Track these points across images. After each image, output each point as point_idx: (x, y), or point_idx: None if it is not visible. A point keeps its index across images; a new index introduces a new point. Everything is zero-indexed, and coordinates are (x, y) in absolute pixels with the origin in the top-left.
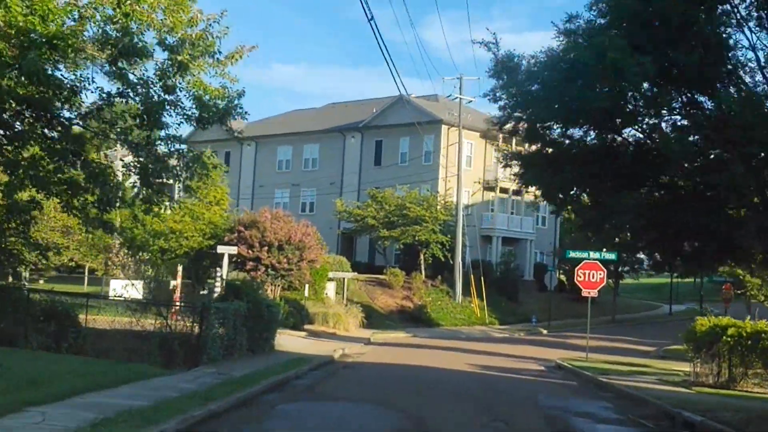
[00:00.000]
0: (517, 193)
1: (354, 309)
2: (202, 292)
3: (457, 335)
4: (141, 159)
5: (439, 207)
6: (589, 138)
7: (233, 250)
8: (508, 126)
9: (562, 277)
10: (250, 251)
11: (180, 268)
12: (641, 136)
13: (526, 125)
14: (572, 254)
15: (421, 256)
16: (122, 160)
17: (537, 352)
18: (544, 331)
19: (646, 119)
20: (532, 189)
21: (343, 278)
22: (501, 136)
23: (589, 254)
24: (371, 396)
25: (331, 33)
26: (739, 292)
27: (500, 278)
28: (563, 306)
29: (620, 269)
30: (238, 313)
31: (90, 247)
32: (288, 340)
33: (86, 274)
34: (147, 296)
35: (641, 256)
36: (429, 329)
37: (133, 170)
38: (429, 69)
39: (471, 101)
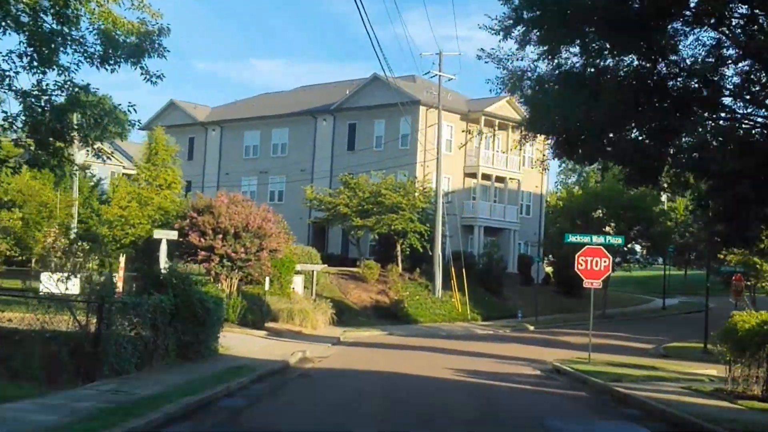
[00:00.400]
0: (500, 179)
1: (323, 304)
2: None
3: (437, 333)
4: (30, 111)
5: (417, 194)
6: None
7: (172, 235)
8: (519, 32)
9: (549, 269)
10: (202, 239)
11: (122, 259)
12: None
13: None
14: (572, 238)
15: (398, 247)
16: (5, 112)
17: (527, 351)
18: (531, 327)
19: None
20: (518, 171)
21: (312, 271)
22: (483, 118)
23: (591, 238)
24: (319, 426)
25: (309, 29)
26: (749, 283)
27: (483, 271)
28: (550, 300)
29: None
30: (159, 310)
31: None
32: (241, 342)
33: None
34: (86, 291)
35: (635, 246)
36: (406, 326)
37: (19, 125)
38: (407, 56)
39: (451, 79)
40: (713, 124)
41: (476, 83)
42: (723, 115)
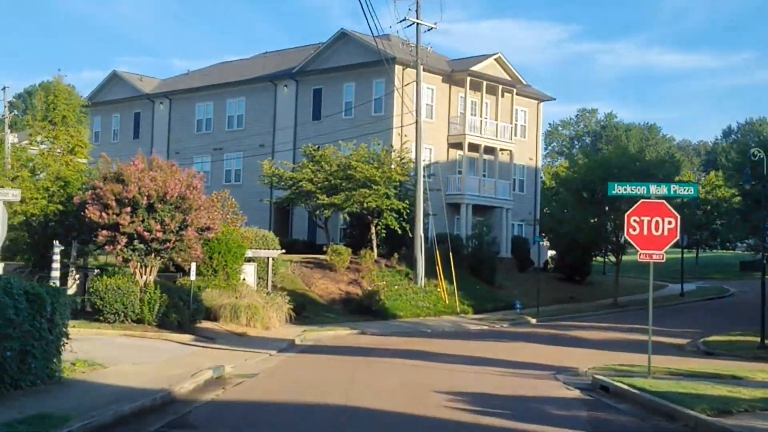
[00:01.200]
0: (490, 151)
1: (279, 298)
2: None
3: (420, 330)
4: None
5: (393, 165)
6: None
7: (13, 196)
8: None
9: (551, 253)
10: (104, 214)
11: None
12: None
13: None
14: (619, 189)
15: (372, 229)
16: None
17: (539, 353)
18: (533, 321)
19: None
20: (509, 141)
21: (268, 258)
22: (468, 79)
23: (649, 189)
24: None
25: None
26: None
27: (473, 255)
28: (551, 288)
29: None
30: None
31: None
32: (132, 352)
33: None
34: None
35: None
36: (382, 323)
37: None
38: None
39: (432, 28)
40: None
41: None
42: None
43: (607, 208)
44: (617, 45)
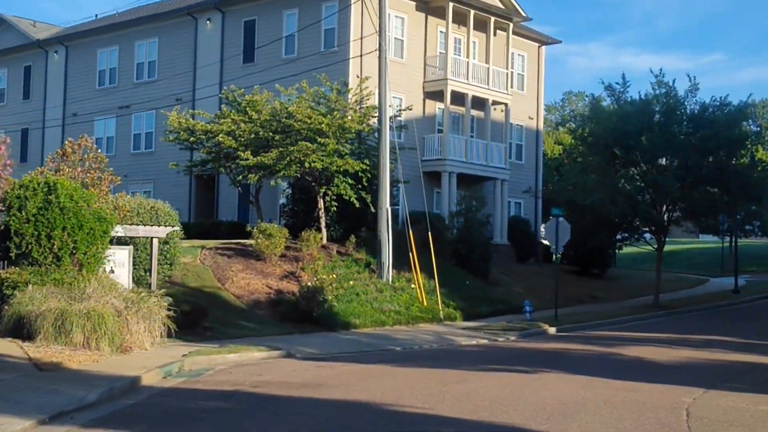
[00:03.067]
0: (479, 104)
1: (152, 300)
2: None
3: (385, 348)
4: None
5: (348, 111)
6: None
7: None
8: None
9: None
10: None
11: None
12: None
13: None
14: None
15: (320, 203)
16: None
17: (613, 406)
18: (551, 329)
19: None
20: (505, 91)
21: (152, 239)
22: (451, 5)
23: None
24: None
25: None
26: None
27: (459, 240)
28: (562, 284)
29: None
30: None
31: None
32: None
33: None
34: None
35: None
36: (327, 336)
37: None
38: None
39: None
40: None
41: None
42: None
43: (655, 168)
44: (590, 46)
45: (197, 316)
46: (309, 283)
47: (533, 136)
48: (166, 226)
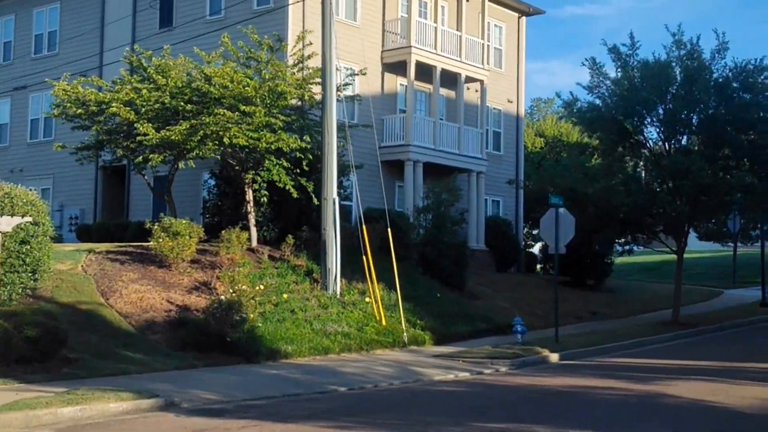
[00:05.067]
0: (450, 80)
1: None
2: None
3: (323, 392)
4: None
5: (284, 76)
6: None
7: None
8: None
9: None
10: None
11: None
12: None
13: None
14: None
15: (248, 194)
16: None
17: None
18: (553, 357)
19: None
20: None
21: None
22: None
23: None
24: None
25: None
26: None
27: (427, 243)
28: (545, 296)
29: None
30: None
31: None
32: None
33: None
34: None
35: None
36: (243, 371)
37: None
38: None
39: None
40: None
41: None
42: None
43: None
44: (551, 64)
45: (50, 345)
46: (223, 297)
47: (513, 122)
48: (18, 215)
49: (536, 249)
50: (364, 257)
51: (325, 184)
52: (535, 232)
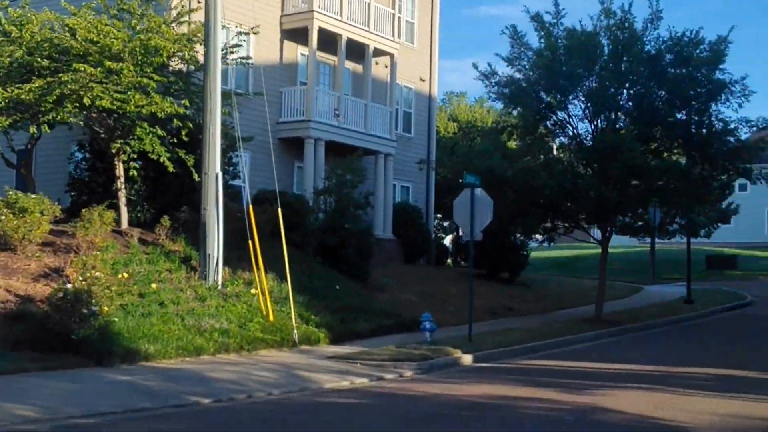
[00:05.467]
0: (357, 53)
1: None
2: None
3: (181, 406)
4: None
5: (164, 30)
6: None
7: None
8: None
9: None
10: None
11: None
12: None
13: None
14: None
15: (119, 167)
16: None
17: None
18: (466, 358)
19: None
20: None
21: None
22: None
23: None
24: None
25: None
26: None
27: (327, 229)
28: (466, 292)
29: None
30: None
31: None
32: None
33: None
34: None
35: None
36: (87, 377)
37: None
38: None
39: None
40: None
41: None
42: None
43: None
44: (464, 63)
45: None
46: (69, 286)
47: (425, 102)
48: None
49: (447, 241)
50: (250, 242)
51: (206, 157)
52: (446, 223)
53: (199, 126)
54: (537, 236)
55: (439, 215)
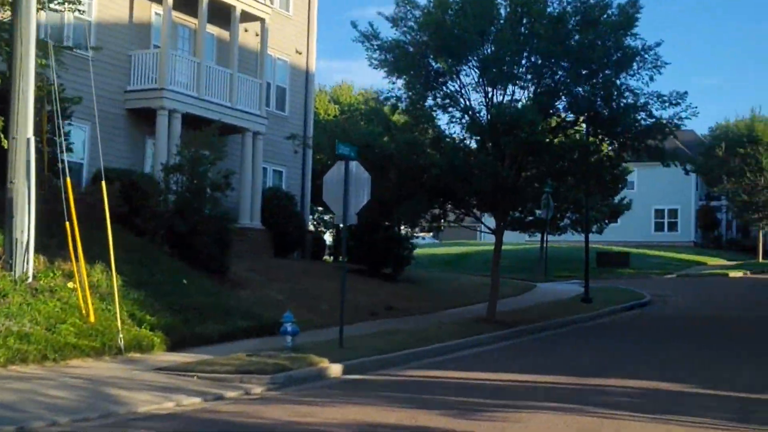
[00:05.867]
0: (223, 17)
1: None
2: None
3: None
4: None
5: None
6: None
7: None
8: None
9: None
10: None
11: None
12: None
13: None
14: None
15: None
16: None
17: None
18: (334, 368)
19: None
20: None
21: None
22: None
23: None
24: None
25: None
26: None
27: (177, 213)
28: (333, 287)
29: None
30: None
31: None
32: None
33: None
34: None
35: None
36: None
37: None
38: None
39: None
40: None
41: None
42: None
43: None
44: (348, 64)
45: None
46: None
47: (302, 78)
48: None
49: (328, 236)
50: (67, 223)
51: (13, 118)
52: (327, 217)
53: (7, 79)
54: (423, 227)
55: (320, 208)
